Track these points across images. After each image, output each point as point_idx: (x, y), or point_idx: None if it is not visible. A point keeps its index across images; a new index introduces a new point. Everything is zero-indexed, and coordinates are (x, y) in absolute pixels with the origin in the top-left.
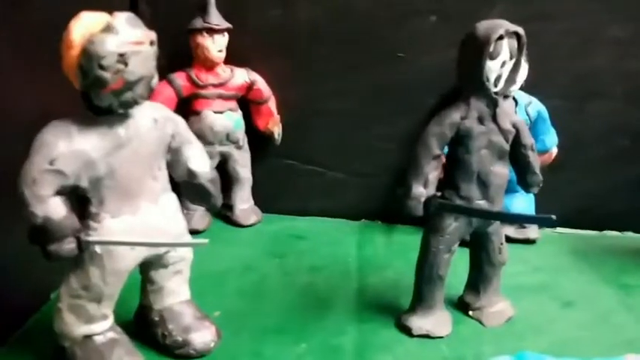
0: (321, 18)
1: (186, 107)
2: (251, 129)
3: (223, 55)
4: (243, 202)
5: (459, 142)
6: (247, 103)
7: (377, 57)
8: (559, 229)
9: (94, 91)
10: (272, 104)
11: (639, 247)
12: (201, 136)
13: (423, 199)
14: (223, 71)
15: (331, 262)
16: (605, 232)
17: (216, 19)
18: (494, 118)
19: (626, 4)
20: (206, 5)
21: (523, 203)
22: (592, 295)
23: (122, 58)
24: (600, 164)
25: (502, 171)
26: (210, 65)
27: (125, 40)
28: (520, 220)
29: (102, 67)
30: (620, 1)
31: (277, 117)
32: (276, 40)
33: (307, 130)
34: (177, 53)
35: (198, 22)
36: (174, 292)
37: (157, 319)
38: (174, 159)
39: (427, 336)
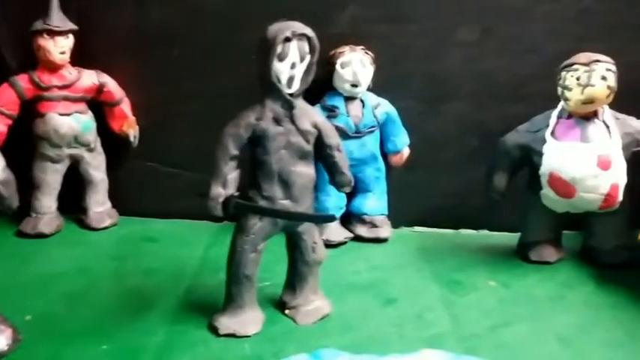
0: (175, 19)
1: (31, 109)
2: (109, 131)
3: (66, 57)
4: (98, 205)
5: (257, 143)
6: (101, 105)
7: (232, 58)
8: (416, 228)
9: None
10: (125, 106)
11: (489, 244)
12: (46, 139)
13: (221, 200)
14: (69, 73)
15: (171, 264)
16: (460, 230)
17: (57, 20)
18: (292, 119)
19: (472, 8)
20: (48, 6)
21: (375, 203)
22: (418, 292)
23: None
24: (454, 164)
25: (305, 171)
26: (53, 67)
27: None
28: (305, 219)
29: None
30: (467, 4)
31: (132, 119)
32: (130, 41)
33: (166, 131)
34: (27, 55)
35: (38, 24)
36: None
37: None
38: None
39: (234, 335)
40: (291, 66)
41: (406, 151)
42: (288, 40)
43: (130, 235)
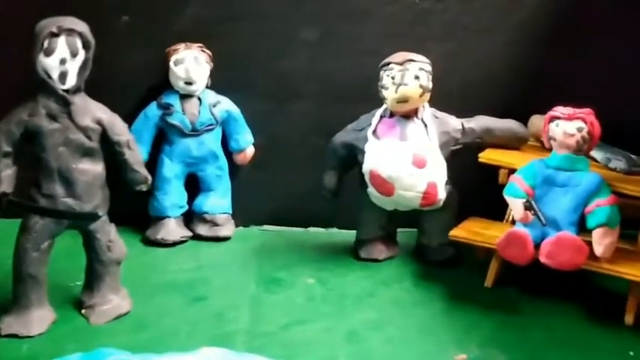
0: (5, 15)
1: None
2: None
3: None
4: None
5: (32, 139)
6: None
7: None
8: (266, 227)
9: None
10: None
11: (331, 242)
12: None
13: None
14: None
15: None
16: (309, 228)
17: None
18: (69, 116)
19: (313, 9)
20: None
21: (217, 201)
22: (232, 290)
23: None
24: (302, 163)
25: (90, 168)
26: None
27: None
28: (73, 217)
29: None
30: (309, 5)
31: None
32: None
33: None
34: None
35: None
36: None
37: None
38: None
39: (16, 336)
40: (60, 62)
41: (250, 150)
42: (54, 35)
43: None
